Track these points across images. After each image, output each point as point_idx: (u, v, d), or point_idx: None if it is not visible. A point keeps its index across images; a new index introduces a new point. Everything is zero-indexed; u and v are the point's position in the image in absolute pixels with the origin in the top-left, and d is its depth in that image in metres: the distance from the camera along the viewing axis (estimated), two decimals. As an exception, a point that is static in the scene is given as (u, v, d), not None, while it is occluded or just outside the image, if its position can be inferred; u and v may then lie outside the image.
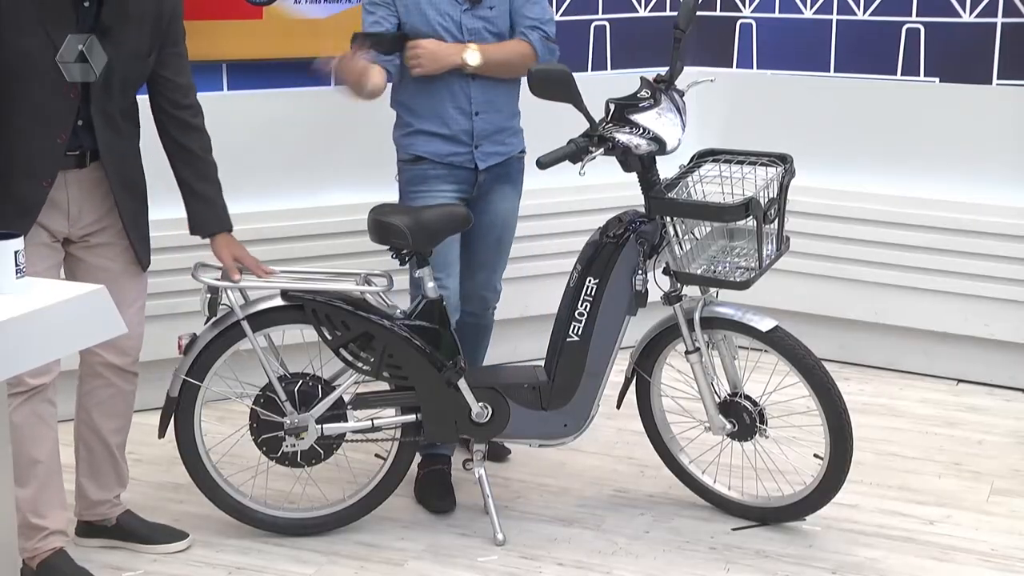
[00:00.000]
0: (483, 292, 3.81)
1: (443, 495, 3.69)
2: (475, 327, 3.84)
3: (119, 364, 3.25)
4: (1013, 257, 4.46)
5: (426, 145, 3.63)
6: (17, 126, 2.97)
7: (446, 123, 3.60)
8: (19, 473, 3.04)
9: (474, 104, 3.60)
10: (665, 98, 3.35)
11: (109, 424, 3.30)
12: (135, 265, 3.22)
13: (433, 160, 3.62)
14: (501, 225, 3.75)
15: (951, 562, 3.39)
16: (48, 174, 3.02)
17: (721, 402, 3.50)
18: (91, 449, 3.32)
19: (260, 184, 4.42)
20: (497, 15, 3.61)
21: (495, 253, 3.78)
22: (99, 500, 3.37)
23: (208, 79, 4.29)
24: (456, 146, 3.61)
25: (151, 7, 3.07)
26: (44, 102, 2.98)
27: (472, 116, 3.60)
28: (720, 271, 3.39)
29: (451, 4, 3.56)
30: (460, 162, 3.63)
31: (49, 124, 2.99)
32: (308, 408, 3.41)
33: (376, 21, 3.56)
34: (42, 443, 3.11)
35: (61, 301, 2.36)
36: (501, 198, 3.72)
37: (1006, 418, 4.38)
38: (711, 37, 4.97)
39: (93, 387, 3.28)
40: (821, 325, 4.80)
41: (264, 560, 3.41)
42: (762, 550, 3.44)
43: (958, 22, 4.53)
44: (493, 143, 3.65)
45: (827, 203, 4.73)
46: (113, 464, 3.35)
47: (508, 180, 3.73)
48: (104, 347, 3.18)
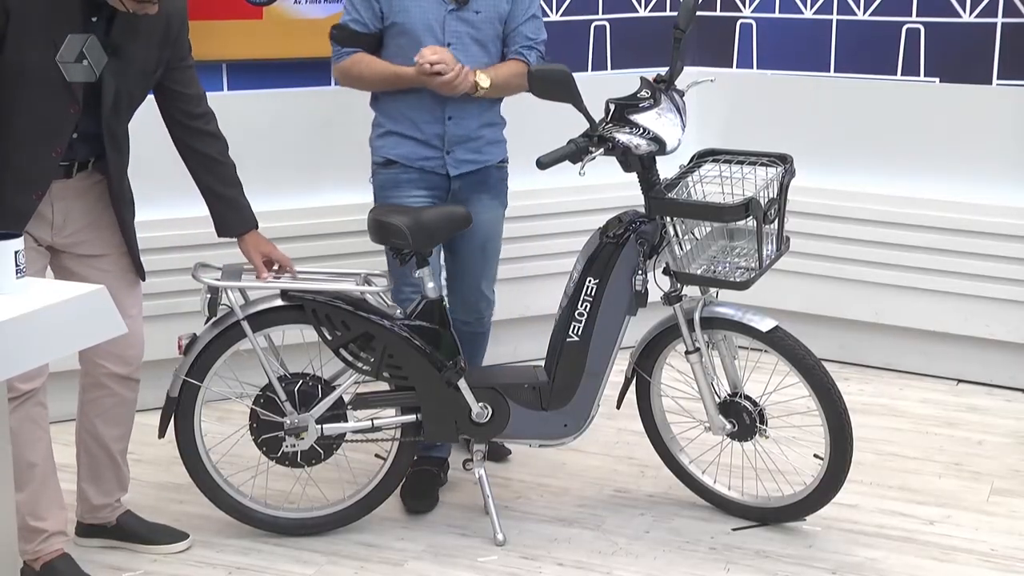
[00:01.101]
0: (472, 300, 3.78)
1: (422, 496, 3.68)
2: (470, 335, 3.80)
3: (123, 374, 3.26)
4: (1013, 257, 4.46)
5: (397, 148, 3.62)
6: (17, 137, 2.96)
7: (418, 127, 3.59)
8: (16, 477, 3.04)
9: (447, 108, 3.57)
10: (665, 98, 3.35)
11: (112, 432, 3.31)
12: (132, 274, 3.23)
13: (404, 164, 3.61)
14: (484, 235, 3.70)
15: (951, 562, 3.39)
16: (40, 186, 3.01)
17: (721, 402, 3.50)
18: (93, 455, 3.32)
19: (260, 184, 4.39)
20: (482, 21, 3.56)
21: (480, 262, 3.74)
22: (101, 504, 3.38)
23: (208, 79, 4.26)
24: (427, 150, 3.60)
25: (159, 23, 3.05)
26: (46, 115, 2.97)
27: (445, 121, 3.57)
28: (720, 271, 3.38)
29: (437, 3, 3.53)
30: (432, 167, 3.61)
31: (48, 137, 2.99)
32: (308, 408, 3.41)
33: (356, 20, 3.57)
34: (36, 445, 3.11)
35: (61, 301, 2.36)
36: (481, 208, 3.65)
37: (1006, 418, 4.38)
38: (711, 37, 4.97)
39: (96, 397, 3.28)
40: (821, 325, 4.80)
41: (264, 560, 3.41)
42: (762, 550, 3.44)
43: (958, 22, 4.53)
44: (466, 150, 3.62)
45: (827, 203, 4.73)
46: (115, 469, 3.36)
47: (486, 190, 3.68)
48: (108, 358, 3.21)
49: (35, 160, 2.99)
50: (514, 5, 3.60)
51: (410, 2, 3.52)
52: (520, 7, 3.61)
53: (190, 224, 4.00)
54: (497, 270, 3.84)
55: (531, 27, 3.63)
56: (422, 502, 3.67)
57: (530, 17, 3.63)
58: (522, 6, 3.61)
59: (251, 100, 4.37)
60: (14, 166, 2.97)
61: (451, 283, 3.78)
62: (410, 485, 3.67)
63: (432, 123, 3.58)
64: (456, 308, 3.77)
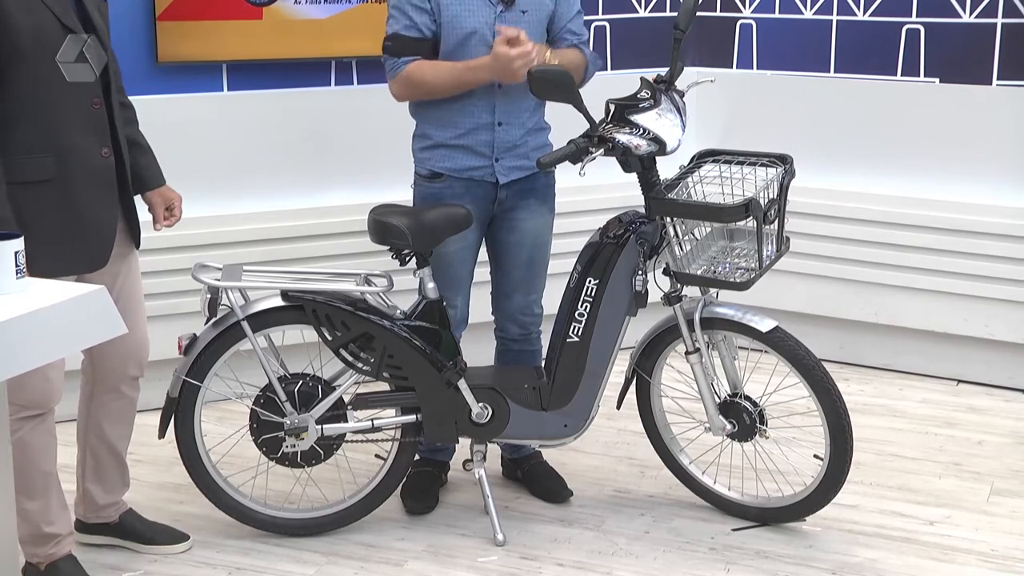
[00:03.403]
0: (521, 316, 3.68)
1: (421, 497, 3.67)
2: (519, 354, 3.72)
3: (136, 375, 3.28)
4: (1013, 257, 4.46)
5: (444, 160, 3.51)
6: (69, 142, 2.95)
7: (468, 134, 3.49)
8: (32, 487, 3.07)
9: (498, 114, 3.49)
10: (665, 98, 3.35)
11: (118, 431, 3.32)
12: (136, 262, 3.24)
13: (452, 176, 3.51)
14: (531, 244, 3.61)
15: (951, 562, 3.39)
16: (110, 188, 3.03)
17: (721, 403, 3.51)
18: (99, 458, 3.32)
19: (260, 184, 4.42)
20: (529, 21, 3.46)
21: (527, 273, 3.64)
22: (106, 504, 3.38)
23: (208, 79, 4.29)
24: (476, 159, 3.50)
25: None
26: (89, 115, 2.97)
27: (495, 127, 3.49)
28: (720, 272, 3.38)
29: (485, 4, 3.45)
30: (480, 176, 3.50)
31: (97, 138, 3.00)
32: (308, 408, 3.41)
33: (410, 26, 3.44)
34: (51, 455, 3.12)
35: (61, 301, 2.36)
36: (529, 215, 3.59)
37: (1006, 418, 4.38)
38: (711, 37, 4.97)
39: (106, 400, 3.27)
40: (821, 325, 4.80)
41: (264, 560, 3.41)
42: (762, 550, 3.45)
43: (958, 22, 4.53)
44: (515, 156, 3.52)
45: (827, 203, 4.73)
46: (119, 468, 3.36)
47: (534, 196, 3.58)
48: (128, 363, 3.22)
49: (91, 163, 3.02)
50: (559, 4, 3.53)
51: (459, 6, 3.43)
52: (567, 4, 3.54)
53: (190, 224, 3.99)
54: (545, 283, 3.72)
55: (577, 22, 3.58)
56: (422, 502, 3.67)
57: (576, 13, 3.57)
58: (568, 2, 3.55)
59: (251, 100, 4.37)
60: (77, 177, 2.99)
61: (498, 300, 3.69)
62: (410, 485, 3.67)
63: (481, 130, 3.48)
64: (503, 325, 3.70)
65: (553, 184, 3.67)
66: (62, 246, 2.95)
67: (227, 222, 4.32)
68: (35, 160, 2.91)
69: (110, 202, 3.04)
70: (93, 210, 2.99)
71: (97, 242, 3.02)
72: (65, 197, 2.94)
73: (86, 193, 2.97)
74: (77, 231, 2.97)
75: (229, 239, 4.27)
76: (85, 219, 2.98)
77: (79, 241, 2.98)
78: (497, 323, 3.72)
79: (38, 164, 2.91)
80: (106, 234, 3.04)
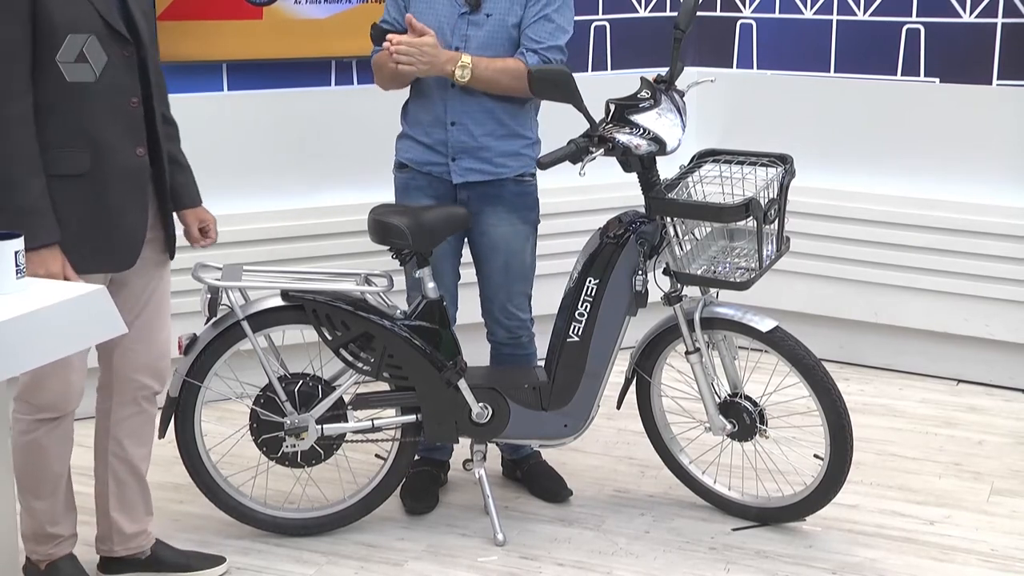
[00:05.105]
0: (505, 320, 3.67)
1: (421, 497, 3.68)
2: (510, 358, 3.72)
3: (155, 389, 3.20)
4: (1013, 257, 4.46)
5: (408, 152, 3.61)
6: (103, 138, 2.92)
7: (426, 130, 3.56)
8: (40, 487, 3.05)
9: (450, 114, 3.51)
10: (665, 98, 3.35)
11: (140, 451, 3.22)
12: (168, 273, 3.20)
13: (414, 168, 3.59)
14: (505, 250, 3.59)
15: (951, 562, 3.39)
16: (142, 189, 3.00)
17: (721, 402, 3.51)
18: (122, 482, 3.21)
19: (260, 184, 4.42)
20: (492, 25, 3.47)
21: (505, 279, 3.63)
22: (134, 533, 3.25)
23: (208, 79, 4.29)
24: (433, 155, 3.55)
25: None
26: (125, 113, 2.95)
27: (447, 126, 3.52)
28: (720, 271, 3.38)
29: (450, 5, 3.50)
30: (438, 173, 3.56)
31: (132, 137, 2.97)
32: (308, 408, 3.41)
33: (386, 19, 3.60)
34: (64, 458, 3.10)
35: (61, 301, 2.36)
36: (498, 221, 3.57)
37: (1006, 418, 4.38)
38: (711, 37, 4.97)
39: (126, 415, 3.18)
40: (821, 325, 4.80)
41: (264, 560, 3.41)
42: (762, 550, 3.45)
43: (958, 22, 4.52)
44: (474, 159, 3.52)
45: (827, 203, 4.73)
46: (143, 493, 3.26)
47: (502, 203, 3.56)
48: (146, 373, 3.15)
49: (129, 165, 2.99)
50: (526, 9, 3.50)
51: (424, 4, 3.51)
52: (531, 10, 3.49)
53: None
54: (531, 289, 3.71)
55: (538, 29, 3.48)
56: (422, 502, 3.67)
57: (539, 19, 3.48)
58: (533, 9, 3.49)
59: (251, 100, 4.37)
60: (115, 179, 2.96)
61: (483, 302, 3.70)
62: (410, 485, 3.67)
63: (436, 128, 3.53)
64: (491, 328, 3.71)
65: (531, 193, 3.63)
66: (90, 242, 2.91)
67: (227, 222, 4.27)
68: (69, 155, 2.88)
69: (142, 204, 2.99)
70: (123, 209, 2.95)
71: (125, 242, 2.97)
72: (96, 193, 2.91)
73: (118, 191, 2.93)
74: (106, 228, 2.93)
75: (229, 239, 4.26)
76: (115, 217, 2.94)
77: (107, 239, 2.94)
78: (486, 326, 3.72)
79: (72, 158, 2.88)
80: (135, 235, 2.99)
